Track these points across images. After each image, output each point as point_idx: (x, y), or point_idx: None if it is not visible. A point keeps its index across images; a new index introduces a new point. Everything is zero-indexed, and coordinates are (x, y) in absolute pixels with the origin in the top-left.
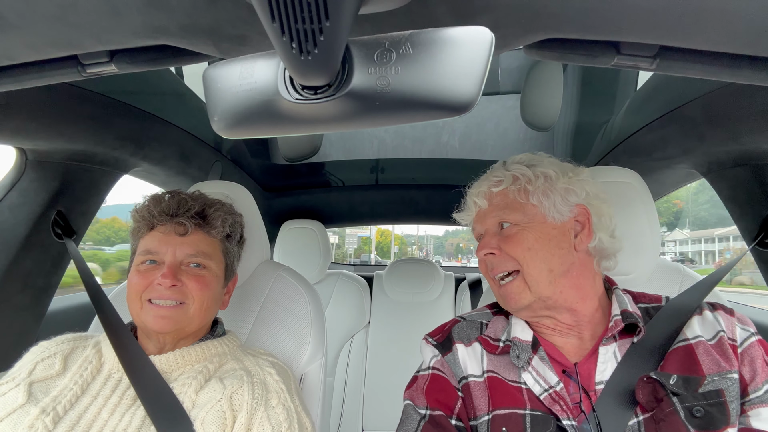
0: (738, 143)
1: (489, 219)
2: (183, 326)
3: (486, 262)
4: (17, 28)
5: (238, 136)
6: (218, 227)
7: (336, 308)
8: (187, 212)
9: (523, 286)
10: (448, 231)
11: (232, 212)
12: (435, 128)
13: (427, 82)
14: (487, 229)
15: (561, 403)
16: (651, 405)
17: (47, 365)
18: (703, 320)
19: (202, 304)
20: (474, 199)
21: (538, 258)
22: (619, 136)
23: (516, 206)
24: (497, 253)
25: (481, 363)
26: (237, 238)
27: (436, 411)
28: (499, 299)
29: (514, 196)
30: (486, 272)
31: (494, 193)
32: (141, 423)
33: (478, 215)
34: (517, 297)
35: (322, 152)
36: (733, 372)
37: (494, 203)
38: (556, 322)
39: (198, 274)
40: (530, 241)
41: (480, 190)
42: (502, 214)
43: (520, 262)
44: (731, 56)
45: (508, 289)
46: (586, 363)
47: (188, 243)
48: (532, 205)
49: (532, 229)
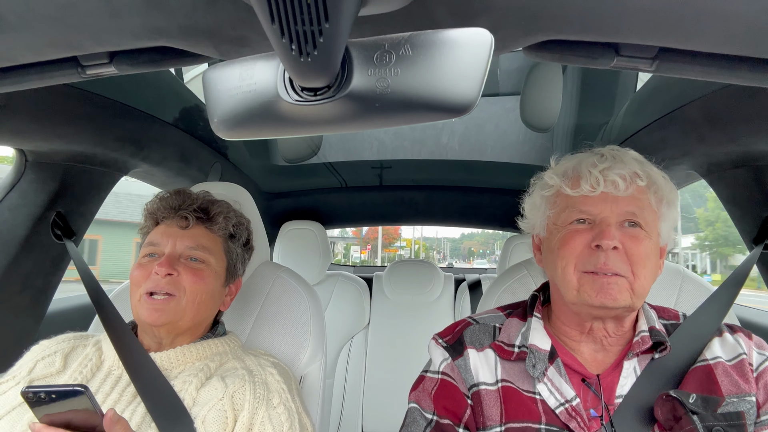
0: (738, 144)
1: (620, 208)
2: (176, 319)
3: (599, 256)
4: (17, 29)
5: (237, 138)
6: (220, 223)
7: (336, 309)
8: (190, 206)
9: (627, 287)
10: (464, 234)
11: (238, 214)
12: (435, 129)
13: (427, 83)
14: (610, 219)
15: (578, 419)
16: (669, 423)
17: (47, 363)
18: (723, 342)
19: (195, 298)
20: (610, 176)
21: (648, 269)
22: (618, 137)
23: (650, 211)
24: (619, 250)
25: (495, 371)
26: (242, 241)
27: (444, 419)
28: (588, 290)
29: (650, 200)
30: (581, 259)
31: (638, 186)
32: (141, 420)
33: (605, 198)
34: (617, 295)
35: (322, 153)
36: (751, 395)
37: (633, 196)
38: (601, 327)
39: (195, 267)
40: (649, 250)
41: (620, 173)
42: (639, 212)
43: (635, 270)
44: (731, 57)
45: (611, 283)
46: (609, 375)
47: (189, 236)
48: (657, 216)
49: (653, 238)
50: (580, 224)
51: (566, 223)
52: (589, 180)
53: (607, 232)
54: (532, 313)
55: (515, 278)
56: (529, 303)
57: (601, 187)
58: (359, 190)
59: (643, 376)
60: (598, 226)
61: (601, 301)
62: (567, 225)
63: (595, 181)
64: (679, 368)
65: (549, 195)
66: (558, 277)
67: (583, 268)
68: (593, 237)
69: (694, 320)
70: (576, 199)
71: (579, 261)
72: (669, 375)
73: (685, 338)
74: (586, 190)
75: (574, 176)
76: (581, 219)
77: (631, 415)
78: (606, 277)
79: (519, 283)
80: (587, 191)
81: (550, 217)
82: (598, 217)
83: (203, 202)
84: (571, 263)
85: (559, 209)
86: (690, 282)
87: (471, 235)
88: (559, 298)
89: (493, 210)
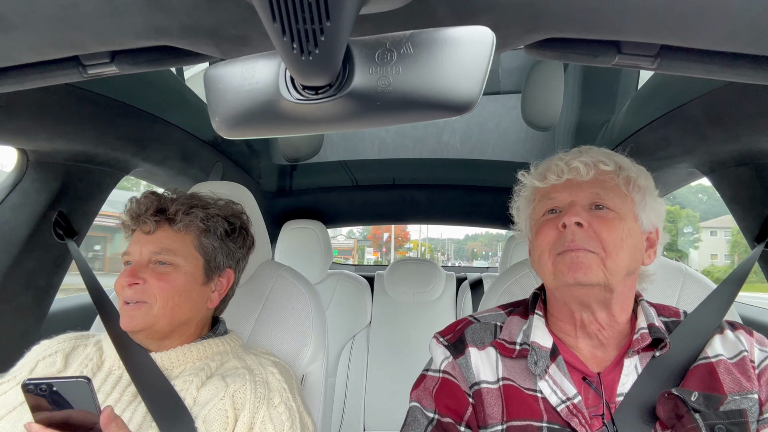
0: (739, 142)
1: (584, 192)
2: (149, 325)
3: (566, 234)
4: (18, 29)
5: (239, 137)
6: (181, 222)
7: (337, 308)
8: (147, 211)
9: (599, 263)
10: (468, 235)
11: (207, 206)
12: (436, 128)
13: (428, 81)
14: (577, 201)
15: (579, 417)
16: (671, 421)
17: (48, 363)
18: (724, 339)
19: (166, 303)
20: (573, 163)
21: (624, 251)
22: (620, 135)
23: (618, 193)
24: (585, 227)
25: (496, 369)
26: (219, 233)
27: (445, 418)
28: (561, 268)
29: (618, 183)
30: (553, 244)
31: (600, 170)
32: (142, 419)
33: (570, 183)
34: (587, 269)
35: (323, 152)
36: (753, 392)
37: (597, 179)
38: (592, 318)
39: (162, 272)
40: (624, 232)
41: (583, 160)
42: (604, 195)
43: (606, 248)
44: (733, 55)
45: (580, 257)
46: (609, 374)
47: (153, 241)
48: (631, 199)
49: (627, 222)
50: (551, 214)
51: (540, 215)
52: (555, 171)
53: (571, 211)
54: (534, 310)
55: (517, 277)
56: (531, 301)
57: (565, 175)
58: (360, 188)
59: (644, 374)
60: (565, 210)
61: (573, 276)
62: (540, 217)
63: (560, 171)
64: (681, 366)
65: (527, 194)
66: (537, 266)
67: (555, 251)
68: (560, 219)
69: (695, 317)
70: (545, 190)
71: (552, 246)
72: (670, 373)
73: (686, 336)
74: (553, 179)
75: (543, 171)
76: (552, 209)
77: (632, 413)
78: (575, 251)
79: (520, 281)
80: (554, 180)
81: (530, 215)
82: (565, 202)
83: (162, 204)
84: (546, 250)
85: (534, 204)
86: (692, 280)
87: (475, 236)
88: (550, 293)
89: (494, 208)
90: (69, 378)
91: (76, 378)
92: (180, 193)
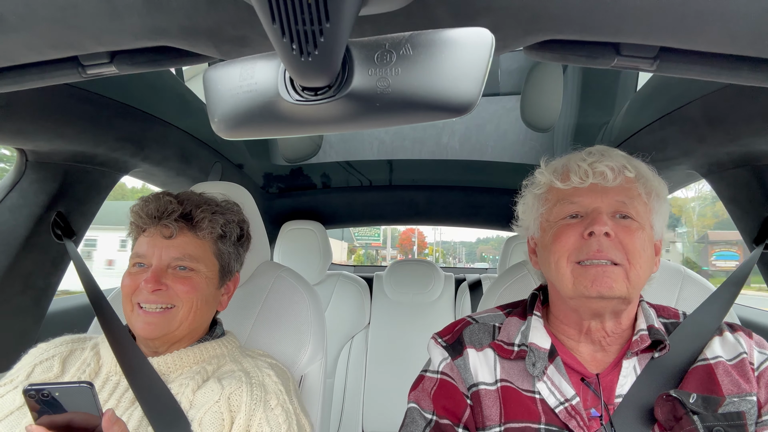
0: (738, 144)
1: (609, 199)
2: (171, 331)
3: (591, 243)
4: (18, 29)
5: (238, 137)
6: (205, 229)
7: (336, 309)
8: (171, 215)
9: (623, 276)
10: (480, 239)
11: (224, 211)
12: (435, 129)
13: (428, 83)
14: (601, 209)
15: (577, 418)
16: (670, 423)
17: (45, 368)
18: (724, 341)
19: (190, 308)
20: (599, 167)
21: (645, 261)
22: (619, 137)
23: (641, 202)
24: (612, 237)
25: (494, 370)
26: (234, 238)
27: (443, 419)
28: (584, 280)
29: (640, 191)
30: (573, 250)
31: (626, 177)
32: (138, 423)
33: (595, 188)
34: (612, 283)
35: (322, 153)
36: (752, 394)
37: (623, 187)
38: (600, 327)
39: (185, 276)
40: (645, 242)
41: (609, 164)
42: (629, 203)
43: (630, 259)
44: (731, 57)
45: (607, 272)
46: (608, 375)
47: (174, 246)
48: (649, 208)
49: (646, 231)
50: (572, 219)
51: (558, 218)
52: (578, 173)
53: (599, 219)
54: (532, 311)
55: (516, 278)
56: (529, 302)
57: (590, 179)
58: (360, 189)
59: (642, 376)
60: (590, 216)
61: (597, 290)
62: (559, 220)
63: (585, 174)
64: (680, 367)
65: (541, 192)
66: (552, 272)
67: (576, 259)
68: (585, 227)
69: (695, 319)
70: (567, 192)
71: (572, 253)
72: (669, 374)
73: (686, 337)
74: (576, 182)
75: (564, 171)
76: (573, 214)
77: (631, 414)
78: (601, 266)
79: (519, 282)
80: (577, 183)
81: (543, 214)
82: (589, 208)
83: (186, 208)
84: (563, 256)
85: (551, 205)
86: (691, 281)
87: (486, 240)
88: (557, 297)
89: (493, 210)
90: (72, 384)
91: (78, 384)
92: (200, 196)
